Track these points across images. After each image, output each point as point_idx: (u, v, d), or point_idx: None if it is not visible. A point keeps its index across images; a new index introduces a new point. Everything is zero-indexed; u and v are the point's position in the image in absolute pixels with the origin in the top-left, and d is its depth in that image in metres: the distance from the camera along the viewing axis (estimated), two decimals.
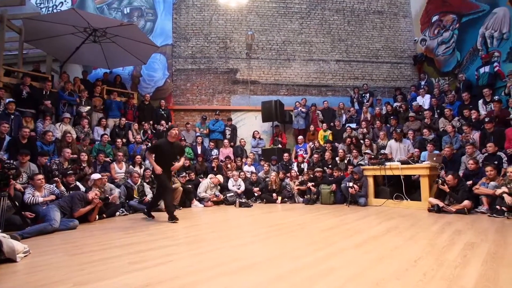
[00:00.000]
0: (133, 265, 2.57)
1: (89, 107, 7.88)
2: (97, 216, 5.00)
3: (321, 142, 8.77)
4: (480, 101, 7.45)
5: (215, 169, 7.96)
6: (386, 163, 6.37)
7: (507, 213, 4.69)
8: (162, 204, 6.04)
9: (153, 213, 5.26)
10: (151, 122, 8.75)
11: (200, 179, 7.47)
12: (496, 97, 7.12)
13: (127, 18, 10.28)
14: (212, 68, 10.47)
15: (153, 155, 4.94)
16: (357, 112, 9.50)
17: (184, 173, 7.23)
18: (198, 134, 9.17)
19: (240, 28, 10.66)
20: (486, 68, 7.91)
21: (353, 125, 8.97)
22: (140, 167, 6.98)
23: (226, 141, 9.02)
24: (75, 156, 6.42)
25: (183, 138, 8.72)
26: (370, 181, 6.61)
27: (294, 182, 7.48)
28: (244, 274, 2.31)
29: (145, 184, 6.38)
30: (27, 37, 7.59)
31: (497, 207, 4.83)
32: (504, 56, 8.03)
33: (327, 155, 7.85)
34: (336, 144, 8.47)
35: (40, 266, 2.59)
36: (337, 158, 7.82)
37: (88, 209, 4.74)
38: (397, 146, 7.06)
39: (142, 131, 8.53)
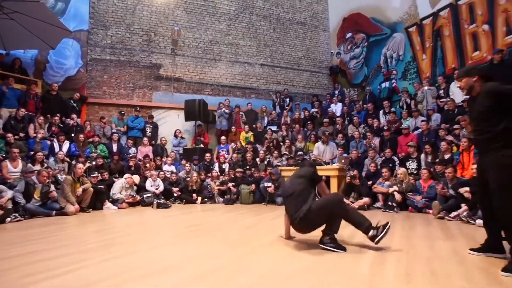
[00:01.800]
0: (32, 276, 2.25)
1: None
2: None
3: (243, 143, 8.98)
4: (381, 112, 8.57)
5: (132, 168, 7.51)
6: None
7: (396, 208, 5.54)
8: (68, 208, 5.48)
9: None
10: (58, 115, 7.82)
11: (115, 179, 6.96)
12: (392, 109, 8.28)
13: None
14: (134, 61, 9.85)
15: None
16: (278, 116, 9.99)
17: (96, 172, 6.64)
18: (114, 130, 8.52)
19: (166, 22, 10.27)
20: (386, 84, 9.13)
21: (274, 128, 9.40)
22: (41, 165, 6.18)
23: (145, 139, 8.58)
24: None
25: (96, 134, 8.03)
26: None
27: (215, 182, 7.50)
28: (159, 277, 2.23)
29: (51, 186, 5.65)
30: None
31: (389, 203, 5.65)
32: (400, 74, 9.43)
33: (248, 156, 8.07)
34: (257, 145, 8.76)
35: None
36: (257, 159, 8.09)
37: None
38: (324, 148, 7.60)
39: (47, 125, 7.58)
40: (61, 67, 9.12)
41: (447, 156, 5.95)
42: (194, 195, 7.23)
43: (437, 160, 5.92)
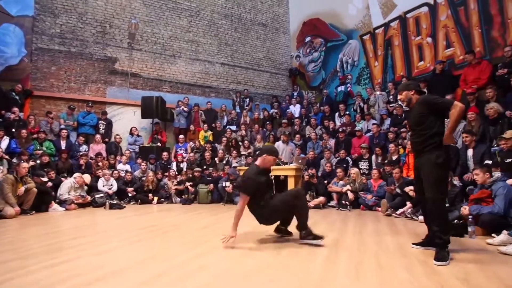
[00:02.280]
0: None
1: None
2: None
3: (202, 142, 8.87)
4: (337, 114, 8.97)
5: (83, 167, 7.07)
6: None
7: (349, 207, 5.82)
8: (7, 210, 5.01)
9: None
10: None
11: (63, 179, 6.50)
12: (347, 112, 8.69)
13: None
14: (86, 53, 9.27)
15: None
16: (238, 115, 10.01)
17: (44, 173, 6.15)
18: (63, 126, 7.97)
19: (123, 14, 9.80)
20: (342, 88, 9.56)
21: (233, 127, 9.41)
22: None
23: (98, 136, 8.13)
24: None
25: (41, 130, 7.46)
26: None
27: (172, 182, 7.32)
28: (107, 283, 2.12)
29: None
30: None
31: (343, 202, 5.93)
32: (354, 79, 9.96)
33: (207, 155, 7.99)
34: (216, 144, 8.71)
35: None
36: (216, 159, 8.04)
37: None
38: (284, 147, 7.74)
39: None
40: (1, 56, 8.31)
41: (394, 157, 6.38)
42: (150, 195, 7.01)
43: (386, 161, 6.33)
